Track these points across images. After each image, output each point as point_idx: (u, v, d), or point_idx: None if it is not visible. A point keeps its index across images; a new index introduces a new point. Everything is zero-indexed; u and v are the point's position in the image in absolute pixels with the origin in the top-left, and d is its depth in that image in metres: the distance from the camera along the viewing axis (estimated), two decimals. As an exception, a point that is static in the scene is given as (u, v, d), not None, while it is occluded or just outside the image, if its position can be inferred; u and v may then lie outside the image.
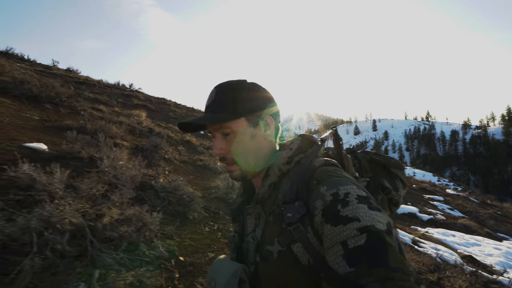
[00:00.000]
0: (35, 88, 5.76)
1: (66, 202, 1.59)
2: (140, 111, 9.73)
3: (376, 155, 0.88)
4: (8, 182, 1.87)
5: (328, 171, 0.61)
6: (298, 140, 0.72)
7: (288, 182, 0.64)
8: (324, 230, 0.53)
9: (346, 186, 0.55)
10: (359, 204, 0.52)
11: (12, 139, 2.98)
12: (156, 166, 4.16)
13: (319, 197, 0.56)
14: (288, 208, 0.59)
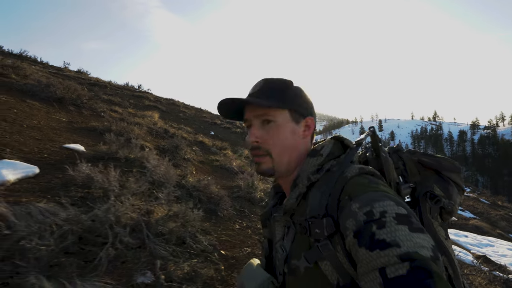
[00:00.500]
0: (59, 91, 6.00)
1: (125, 198, 1.75)
2: (153, 112, 9.97)
3: (425, 155, 0.78)
4: (67, 180, 2.05)
5: (361, 184, 0.56)
6: (329, 144, 0.68)
7: (317, 193, 0.59)
8: (358, 254, 0.48)
9: (382, 203, 0.50)
10: (398, 225, 0.46)
11: (52, 140, 3.18)
12: (179, 166, 4.33)
13: (351, 216, 0.51)
14: (316, 223, 0.55)
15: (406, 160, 0.76)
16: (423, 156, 0.77)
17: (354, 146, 0.68)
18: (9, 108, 3.80)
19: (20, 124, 3.31)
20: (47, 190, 1.87)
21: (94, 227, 1.48)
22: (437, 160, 0.76)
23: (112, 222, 1.51)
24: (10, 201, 1.55)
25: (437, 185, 0.73)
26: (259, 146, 0.66)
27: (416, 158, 0.77)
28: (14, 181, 1.85)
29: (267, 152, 0.66)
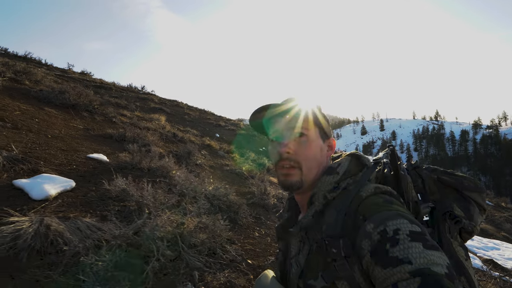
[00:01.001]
0: (72, 98, 6.13)
1: (162, 212, 1.87)
2: (160, 115, 10.08)
3: (445, 174, 0.76)
4: (102, 194, 2.16)
5: (375, 203, 0.57)
6: (346, 162, 0.69)
7: (333, 212, 0.60)
8: (374, 273, 0.49)
9: (396, 221, 0.51)
10: (412, 243, 0.47)
11: (76, 150, 3.30)
12: (192, 172, 4.45)
13: (366, 237, 0.52)
14: (332, 242, 0.56)
15: (425, 177, 0.75)
16: (443, 175, 0.76)
17: (372, 164, 0.69)
18: (31, 117, 3.93)
19: (45, 134, 3.43)
20: (87, 204, 1.98)
21: (138, 241, 1.59)
22: (458, 179, 0.74)
23: (155, 236, 1.62)
24: (60, 216, 1.66)
25: (457, 204, 0.72)
26: (290, 157, 0.67)
27: (436, 176, 0.75)
28: (55, 195, 1.97)
29: (298, 164, 0.67)
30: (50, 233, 1.43)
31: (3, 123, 3.16)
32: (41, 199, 1.87)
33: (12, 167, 2.17)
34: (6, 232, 1.34)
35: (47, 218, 1.51)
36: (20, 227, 1.39)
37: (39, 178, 2.06)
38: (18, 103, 4.42)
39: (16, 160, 2.28)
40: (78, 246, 1.41)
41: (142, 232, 1.63)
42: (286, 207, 0.82)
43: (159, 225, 1.75)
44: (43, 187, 1.93)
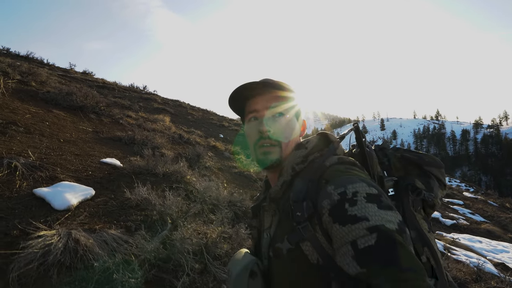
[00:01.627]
0: (79, 99, 6.09)
1: (187, 223, 1.83)
2: (164, 116, 10.04)
3: (407, 151, 0.83)
4: (122, 202, 2.12)
5: (338, 170, 0.61)
6: (315, 139, 0.73)
7: (300, 181, 0.64)
8: (333, 230, 0.52)
9: (355, 184, 0.54)
10: (368, 203, 0.51)
11: (89, 154, 3.26)
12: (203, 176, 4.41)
13: (327, 197, 0.55)
14: (297, 206, 0.59)
15: (390, 156, 0.82)
16: (405, 152, 0.83)
17: (337, 140, 0.74)
18: (41, 120, 3.88)
19: (57, 138, 3.38)
20: (109, 214, 1.94)
21: (167, 255, 1.55)
22: (418, 155, 0.81)
23: (185, 250, 1.58)
24: (86, 228, 1.62)
25: (418, 179, 0.78)
26: (271, 136, 0.70)
27: (399, 154, 0.82)
28: (76, 204, 1.93)
29: (277, 142, 0.70)
30: (79, 248, 1.38)
31: (16, 127, 3.12)
32: (63, 209, 1.82)
33: (31, 175, 2.13)
34: (36, 248, 1.30)
35: (74, 232, 1.47)
36: (49, 242, 1.35)
37: (59, 187, 2.01)
38: (27, 106, 4.38)
39: (33, 167, 2.24)
40: (108, 261, 1.37)
41: (170, 244, 1.59)
42: (263, 189, 0.84)
43: (186, 236, 1.70)
44: (64, 196, 1.89)
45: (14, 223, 1.58)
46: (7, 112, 3.62)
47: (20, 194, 1.87)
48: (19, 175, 2.06)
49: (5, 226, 1.53)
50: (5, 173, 2.01)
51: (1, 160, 2.14)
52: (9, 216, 1.62)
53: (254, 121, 0.73)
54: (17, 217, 1.63)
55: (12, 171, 2.08)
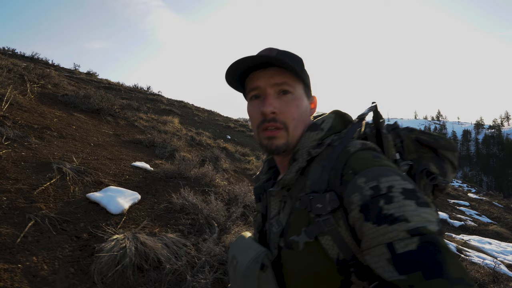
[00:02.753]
0: (95, 102, 6.20)
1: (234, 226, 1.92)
2: (173, 117, 10.14)
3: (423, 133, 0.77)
4: (166, 206, 2.22)
5: (366, 158, 0.55)
6: (330, 119, 0.66)
7: (318, 167, 0.58)
8: (363, 229, 0.47)
9: (389, 178, 0.49)
10: (406, 200, 0.46)
11: (120, 158, 3.36)
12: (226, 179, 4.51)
13: (356, 191, 0.50)
14: (317, 198, 0.54)
15: (404, 137, 0.75)
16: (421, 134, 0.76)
17: (356, 121, 0.66)
18: (68, 124, 3.98)
19: (87, 142, 3.48)
20: (158, 218, 2.04)
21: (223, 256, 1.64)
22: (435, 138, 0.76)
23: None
24: (147, 232, 1.72)
25: (433, 162, 0.73)
26: (276, 118, 0.61)
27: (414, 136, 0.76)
28: (128, 208, 2.03)
29: (284, 125, 0.62)
30: (148, 250, 1.48)
31: (50, 132, 3.22)
32: (118, 213, 1.92)
33: (79, 180, 2.23)
34: (114, 250, 1.39)
35: (139, 235, 1.56)
36: (123, 245, 1.44)
37: (109, 191, 2.11)
38: (52, 110, 4.48)
39: (79, 172, 2.34)
40: (175, 263, 1.46)
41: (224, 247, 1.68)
42: (265, 169, 0.79)
43: (235, 239, 1.80)
44: (117, 201, 1.99)
45: (81, 226, 1.68)
46: (37, 116, 3.72)
47: (76, 198, 1.96)
48: (70, 180, 2.16)
49: (74, 230, 1.63)
50: (58, 178, 2.11)
51: (51, 165, 2.24)
52: (74, 220, 1.71)
53: (256, 100, 0.64)
54: (81, 221, 1.73)
55: (63, 176, 2.17)
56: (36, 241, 1.46)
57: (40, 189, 1.89)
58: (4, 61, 7.60)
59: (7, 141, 2.46)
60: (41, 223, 1.58)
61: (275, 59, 0.59)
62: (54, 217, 1.66)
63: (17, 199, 1.71)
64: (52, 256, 1.40)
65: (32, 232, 1.51)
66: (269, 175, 0.76)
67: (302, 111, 0.63)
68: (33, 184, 1.93)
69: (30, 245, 1.42)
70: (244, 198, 2.67)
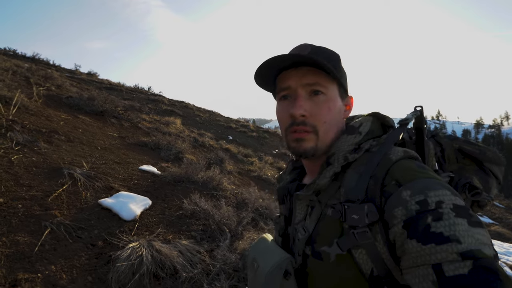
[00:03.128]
0: (99, 104, 6.21)
1: (245, 232, 1.93)
2: (174, 118, 10.16)
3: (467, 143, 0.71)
4: (177, 212, 2.23)
5: (410, 168, 0.50)
6: (368, 122, 0.61)
7: (354, 175, 0.54)
8: (406, 246, 0.44)
9: (438, 192, 0.45)
10: (457, 218, 0.42)
11: (127, 162, 3.37)
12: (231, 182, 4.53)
13: (400, 204, 0.46)
14: (353, 208, 0.50)
15: (445, 146, 0.71)
16: (465, 144, 0.71)
17: (398, 127, 0.61)
18: (74, 127, 3.99)
19: (95, 146, 3.49)
20: (170, 224, 2.05)
21: (238, 264, 1.66)
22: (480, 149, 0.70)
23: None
24: (161, 240, 1.73)
25: (476, 176, 0.68)
26: (305, 121, 0.58)
27: (457, 145, 0.71)
28: (140, 214, 2.04)
29: (313, 128, 0.58)
30: (164, 258, 1.49)
31: (58, 135, 3.23)
32: (131, 219, 1.93)
33: (90, 185, 2.24)
34: (132, 259, 1.41)
35: (154, 243, 1.58)
36: (139, 253, 1.46)
37: (120, 197, 2.12)
38: (57, 112, 4.49)
39: (90, 177, 2.35)
40: (191, 271, 1.48)
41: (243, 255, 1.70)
42: (289, 169, 0.75)
43: (246, 247, 1.81)
44: (129, 207, 2.00)
45: (96, 234, 1.69)
46: (44, 120, 3.73)
47: (89, 205, 1.98)
48: (81, 186, 2.18)
49: (89, 237, 1.64)
50: (69, 184, 2.13)
51: (62, 171, 2.26)
52: (89, 227, 1.73)
53: (285, 101, 0.61)
54: (95, 228, 1.75)
55: (74, 182, 2.19)
56: (53, 249, 1.48)
57: (54, 196, 1.90)
58: (7, 62, 7.61)
59: (18, 146, 2.47)
60: (57, 230, 1.59)
61: (307, 58, 0.55)
62: (69, 224, 1.67)
63: (32, 206, 1.72)
64: (70, 265, 1.41)
65: (49, 240, 1.52)
66: (293, 176, 0.72)
67: (335, 113, 0.59)
68: (46, 190, 1.94)
69: (48, 253, 1.43)
70: (255, 204, 2.68)
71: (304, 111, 0.57)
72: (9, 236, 1.44)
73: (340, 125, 0.61)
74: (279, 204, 0.72)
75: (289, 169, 0.75)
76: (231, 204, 2.69)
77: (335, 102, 0.59)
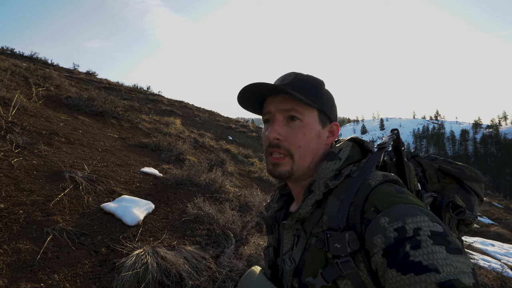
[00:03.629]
0: (99, 104, 6.15)
1: (248, 235, 1.90)
2: (174, 118, 10.11)
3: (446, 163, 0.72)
4: (181, 216, 2.20)
5: (388, 193, 0.50)
6: (348, 147, 0.62)
7: (336, 202, 0.54)
8: (386, 276, 0.43)
9: (415, 218, 0.45)
10: (435, 246, 0.42)
11: (128, 164, 3.32)
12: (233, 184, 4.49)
13: (379, 232, 0.46)
14: (335, 236, 0.50)
15: (425, 166, 0.72)
16: (444, 163, 0.72)
17: (376, 150, 0.62)
18: (74, 128, 3.95)
19: (95, 147, 3.45)
20: (174, 229, 2.02)
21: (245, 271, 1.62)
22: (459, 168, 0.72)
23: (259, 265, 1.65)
24: (166, 246, 1.70)
25: (458, 194, 0.70)
26: (280, 144, 0.60)
27: (437, 165, 0.72)
28: (143, 219, 2.00)
29: (288, 152, 0.60)
30: (169, 266, 1.46)
31: (58, 137, 3.18)
32: (134, 224, 1.90)
33: (92, 189, 2.20)
34: (137, 267, 1.37)
35: (159, 250, 1.54)
36: (144, 260, 1.42)
37: (123, 202, 2.09)
38: (57, 113, 4.44)
39: (91, 181, 2.31)
40: (197, 278, 1.45)
41: (250, 262, 1.67)
42: (276, 196, 0.74)
43: (252, 252, 1.78)
44: (132, 212, 1.96)
45: (99, 240, 1.65)
46: (43, 121, 3.68)
47: (91, 209, 1.94)
48: (83, 189, 2.14)
49: (92, 244, 1.61)
50: (71, 188, 2.09)
51: (63, 174, 2.22)
52: (91, 233, 1.69)
53: (267, 124, 0.64)
54: (98, 233, 1.71)
55: (76, 185, 2.15)
56: (56, 257, 1.44)
57: (55, 201, 1.86)
58: (5, 62, 7.53)
59: (17, 148, 2.42)
60: (59, 237, 1.56)
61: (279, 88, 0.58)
62: (72, 230, 1.64)
63: (34, 212, 1.68)
64: (73, 273, 1.37)
65: (51, 247, 1.48)
66: (281, 204, 0.72)
67: (311, 138, 0.60)
68: (48, 195, 1.90)
69: (50, 261, 1.40)
70: (259, 208, 2.66)
71: (278, 135, 0.59)
72: (11, 243, 1.40)
73: (319, 150, 0.62)
74: (267, 234, 0.72)
75: (276, 197, 0.74)
76: (234, 207, 2.66)
77: (311, 128, 0.60)
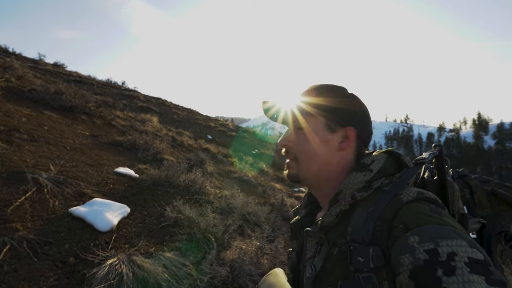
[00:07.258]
0: (68, 99, 5.74)
1: (232, 241, 1.83)
2: (151, 116, 9.72)
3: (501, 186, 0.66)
4: (158, 219, 2.06)
5: (421, 212, 0.46)
6: (382, 159, 0.59)
7: (362, 214, 0.51)
8: None
9: (451, 241, 0.40)
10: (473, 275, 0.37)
11: (100, 164, 3.09)
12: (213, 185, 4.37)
13: (407, 251, 0.42)
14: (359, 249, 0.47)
15: (474, 188, 0.66)
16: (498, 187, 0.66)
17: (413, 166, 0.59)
18: (38, 124, 3.61)
19: (63, 146, 3.17)
20: (152, 234, 1.88)
21: (232, 278, 1.55)
22: None
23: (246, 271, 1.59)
24: (142, 253, 1.57)
25: None
26: (288, 150, 0.66)
27: (489, 188, 0.66)
28: (117, 224, 1.85)
29: (295, 156, 0.64)
30: (147, 275, 1.35)
31: (20, 134, 2.88)
32: (107, 230, 1.74)
33: (59, 192, 2.00)
34: (110, 278, 1.25)
35: (135, 258, 1.43)
36: (118, 270, 1.30)
37: (94, 205, 1.92)
38: (18, 108, 4.05)
39: (58, 182, 2.10)
40: (178, 287, 1.35)
41: (233, 267, 1.60)
42: (304, 202, 0.74)
43: (235, 257, 1.72)
44: (105, 216, 1.81)
45: (66, 248, 1.49)
46: (2, 116, 3.33)
47: (57, 214, 1.75)
48: (48, 192, 1.93)
49: (58, 253, 1.44)
50: (34, 191, 1.88)
51: (24, 175, 1.99)
52: (57, 242, 1.52)
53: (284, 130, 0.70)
54: (66, 241, 1.54)
55: (40, 188, 1.94)
56: (14, 270, 1.27)
57: (14, 206, 1.66)
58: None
59: (-31, 146, 2.14)
60: (19, 247, 1.38)
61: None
62: (34, 239, 1.46)
63: (-13, 219, 1.48)
64: (35, 288, 1.22)
65: (8, 259, 1.30)
66: (308, 210, 0.72)
67: (315, 145, 0.62)
68: (5, 199, 1.69)
69: (7, 276, 1.23)
70: (241, 210, 2.59)
71: (286, 142, 0.66)
72: (-42, 256, 1.21)
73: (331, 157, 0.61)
74: (291, 239, 0.73)
75: (304, 203, 0.75)
76: (215, 210, 2.57)
77: (313, 135, 0.62)
